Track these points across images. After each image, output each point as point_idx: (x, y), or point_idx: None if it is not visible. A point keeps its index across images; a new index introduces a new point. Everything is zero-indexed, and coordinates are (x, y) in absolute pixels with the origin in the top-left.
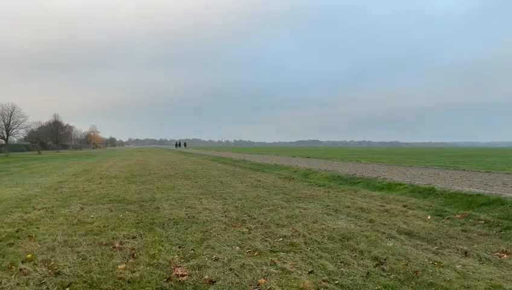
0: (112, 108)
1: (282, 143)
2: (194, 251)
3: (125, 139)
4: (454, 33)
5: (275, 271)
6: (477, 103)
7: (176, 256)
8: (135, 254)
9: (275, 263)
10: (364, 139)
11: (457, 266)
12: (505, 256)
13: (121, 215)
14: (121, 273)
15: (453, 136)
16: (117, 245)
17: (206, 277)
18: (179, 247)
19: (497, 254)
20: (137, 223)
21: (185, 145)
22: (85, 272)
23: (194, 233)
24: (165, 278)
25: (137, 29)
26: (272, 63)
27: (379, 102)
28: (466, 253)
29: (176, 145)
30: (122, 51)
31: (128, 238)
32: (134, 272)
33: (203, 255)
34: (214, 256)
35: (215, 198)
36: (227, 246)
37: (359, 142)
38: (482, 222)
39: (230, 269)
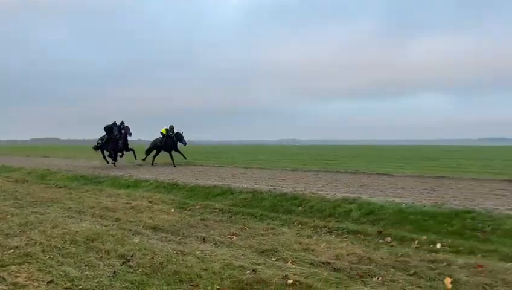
0: None
1: (12, 141)
2: None
3: None
4: (222, 42)
5: (5, 288)
6: (221, 105)
7: None
8: None
9: (4, 278)
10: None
11: (197, 252)
12: (235, 238)
13: None
14: None
15: (194, 136)
16: None
17: None
18: None
19: (229, 236)
20: None
21: (177, 139)
22: None
23: None
24: None
25: None
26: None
27: (134, 101)
28: (204, 239)
29: (152, 149)
30: None
31: None
32: None
33: None
34: None
35: None
36: None
37: None
38: (217, 210)
39: None
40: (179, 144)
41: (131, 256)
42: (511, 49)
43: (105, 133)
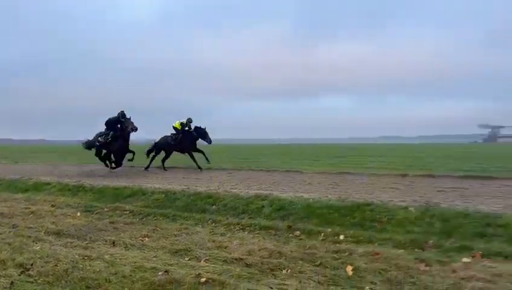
0: None
1: None
2: None
3: None
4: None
5: None
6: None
7: None
8: None
9: None
10: (5, 136)
11: (106, 256)
12: (147, 239)
13: None
14: None
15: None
16: None
17: None
18: None
19: (140, 238)
20: None
21: (198, 135)
22: None
23: None
24: None
25: None
26: None
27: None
28: (114, 243)
29: (159, 150)
30: None
31: None
32: None
33: None
34: None
35: None
36: None
37: None
38: (128, 212)
39: None
40: (201, 142)
41: (31, 265)
42: (408, 55)
43: (105, 129)
